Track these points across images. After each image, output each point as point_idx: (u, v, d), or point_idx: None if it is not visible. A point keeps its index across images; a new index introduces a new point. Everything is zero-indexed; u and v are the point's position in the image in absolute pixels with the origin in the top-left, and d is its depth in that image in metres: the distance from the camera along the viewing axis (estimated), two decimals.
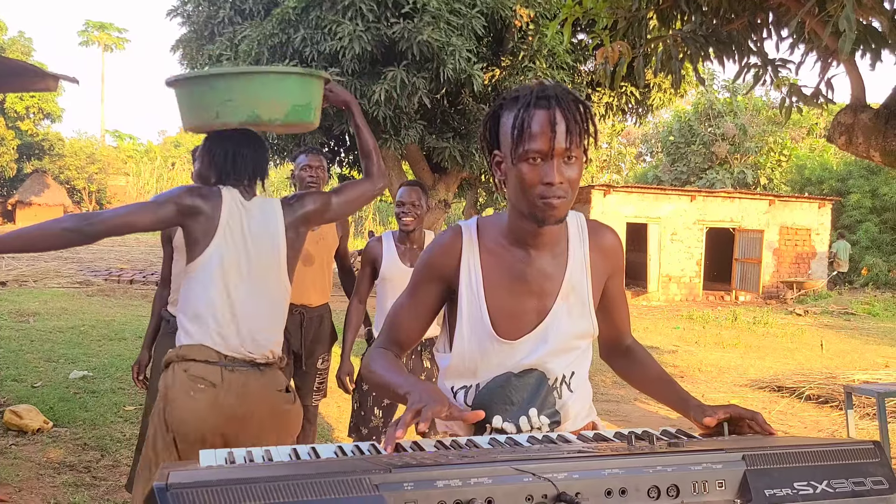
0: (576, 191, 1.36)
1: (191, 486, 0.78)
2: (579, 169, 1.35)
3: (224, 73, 2.16)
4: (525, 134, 1.31)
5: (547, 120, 1.31)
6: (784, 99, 4.13)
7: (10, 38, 34.87)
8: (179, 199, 2.04)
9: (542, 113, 1.31)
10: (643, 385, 1.62)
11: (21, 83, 4.48)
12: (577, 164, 1.34)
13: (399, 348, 1.55)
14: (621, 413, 5.72)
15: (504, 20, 10.18)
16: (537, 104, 1.32)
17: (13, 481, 3.54)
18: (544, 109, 1.31)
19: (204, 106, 2.08)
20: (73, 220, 1.88)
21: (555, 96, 1.33)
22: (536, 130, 1.31)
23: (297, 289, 3.45)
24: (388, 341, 1.55)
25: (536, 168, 1.32)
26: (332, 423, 4.97)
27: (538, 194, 1.32)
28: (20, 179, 36.38)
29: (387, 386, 1.40)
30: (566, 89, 1.36)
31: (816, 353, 9.06)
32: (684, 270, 16.50)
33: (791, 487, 0.99)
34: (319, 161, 3.48)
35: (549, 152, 1.31)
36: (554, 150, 1.30)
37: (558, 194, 1.32)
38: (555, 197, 1.32)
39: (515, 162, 1.34)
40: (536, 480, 0.91)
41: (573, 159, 1.33)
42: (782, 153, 25.93)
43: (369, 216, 35.58)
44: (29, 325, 8.27)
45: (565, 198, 1.33)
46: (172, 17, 11.86)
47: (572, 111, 1.32)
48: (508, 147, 1.35)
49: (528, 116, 1.31)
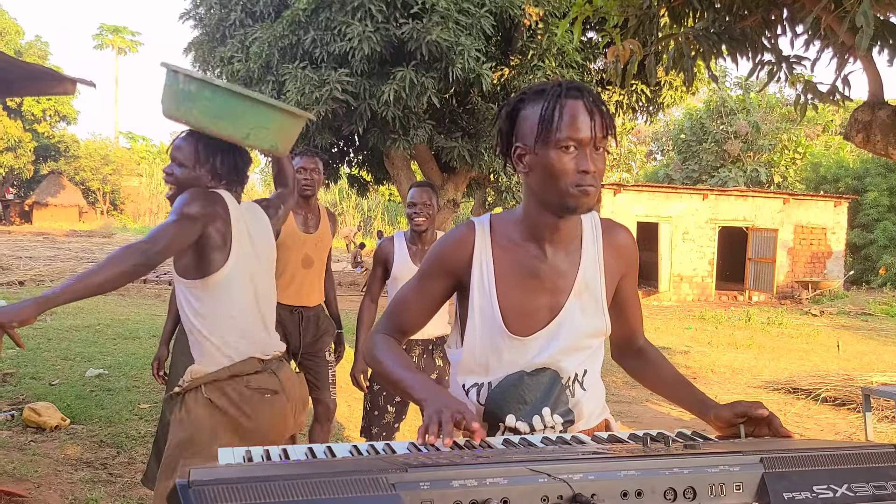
0: (601, 181, 1.37)
1: (212, 483, 0.79)
2: (605, 159, 1.37)
3: (273, 105, 2.18)
4: (559, 122, 1.32)
5: (582, 109, 1.33)
6: (799, 96, 4.10)
7: (27, 42, 35.24)
8: (205, 208, 1.99)
9: (575, 103, 1.33)
10: (657, 386, 1.60)
11: (39, 87, 4.53)
12: (604, 155, 1.36)
13: (401, 335, 1.56)
14: (633, 414, 5.70)
15: (513, 19, 10.17)
16: (569, 94, 1.34)
17: (32, 477, 3.58)
18: (576, 99, 1.33)
19: (235, 121, 2.09)
20: (138, 256, 1.81)
21: (585, 88, 1.36)
22: (572, 118, 1.32)
23: (298, 291, 3.47)
24: (390, 327, 1.55)
25: (571, 156, 1.33)
26: (343, 423, 4.99)
27: (573, 182, 1.33)
28: (37, 181, 36.78)
29: (397, 382, 1.40)
30: (589, 86, 1.39)
31: (833, 355, 8.98)
32: (696, 270, 16.41)
33: (810, 491, 0.98)
34: (315, 163, 3.47)
35: (585, 140, 1.32)
36: (589, 139, 1.32)
37: (592, 182, 1.33)
38: (590, 185, 1.33)
39: (543, 150, 1.34)
40: (552, 481, 0.91)
41: (601, 150, 1.35)
42: (797, 151, 25.70)
43: (378, 216, 35.64)
44: (46, 324, 8.35)
45: (596, 187, 1.35)
46: (185, 20, 11.94)
47: (601, 104, 1.35)
48: (534, 137, 1.35)
49: (561, 106, 1.33)
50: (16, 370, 5.84)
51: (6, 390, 5.28)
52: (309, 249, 3.50)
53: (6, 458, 3.79)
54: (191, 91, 2.08)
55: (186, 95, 2.08)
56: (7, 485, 3.41)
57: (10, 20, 34.78)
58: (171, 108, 2.12)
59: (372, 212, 35.92)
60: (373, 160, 13.72)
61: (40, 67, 4.58)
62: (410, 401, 1.34)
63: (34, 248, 20.28)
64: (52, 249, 20.49)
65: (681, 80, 11.62)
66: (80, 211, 37.55)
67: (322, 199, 34.85)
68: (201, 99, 2.07)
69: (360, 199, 30.28)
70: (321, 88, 9.46)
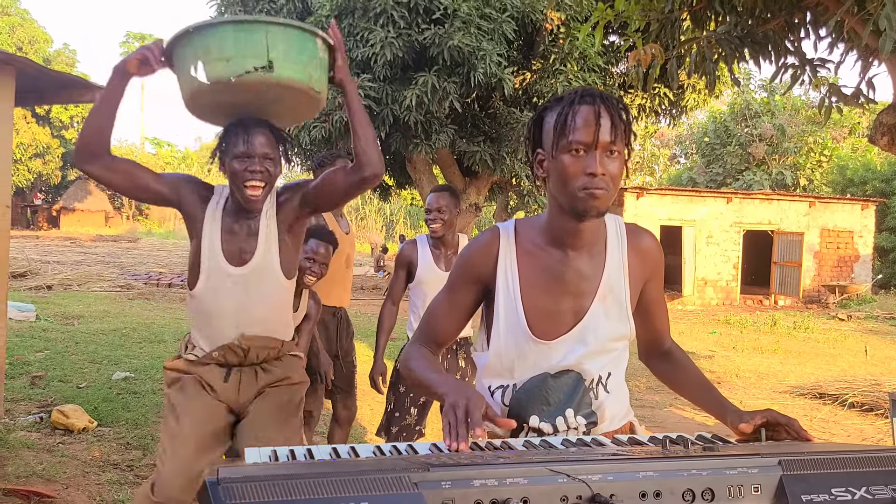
0: (616, 187, 1.37)
1: (240, 481, 0.82)
2: (621, 165, 1.37)
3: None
4: (569, 126, 1.35)
5: (592, 113, 1.35)
6: (823, 99, 4.06)
7: (55, 51, 35.98)
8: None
9: (586, 108, 1.36)
10: (682, 388, 1.61)
11: (70, 95, 4.63)
12: (619, 159, 1.37)
13: (436, 346, 1.58)
14: (657, 419, 5.66)
15: (535, 24, 10.18)
16: (581, 101, 1.37)
17: (60, 478, 3.65)
18: (588, 105, 1.36)
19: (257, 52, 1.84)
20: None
21: (599, 94, 1.38)
22: (580, 123, 1.35)
23: (341, 292, 3.49)
24: (424, 339, 1.58)
25: (579, 160, 1.35)
26: (365, 426, 5.02)
27: (580, 185, 1.35)
28: (64, 186, 37.48)
29: (424, 383, 1.43)
30: (609, 93, 1.40)
31: (860, 360, 8.83)
32: (721, 274, 16.24)
33: (828, 493, 0.98)
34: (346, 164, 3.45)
35: (592, 143, 1.34)
36: (597, 142, 1.34)
37: (599, 185, 1.34)
38: (596, 188, 1.34)
39: (557, 154, 1.37)
40: (571, 481, 0.92)
41: (615, 154, 1.36)
42: (823, 153, 25.34)
43: (400, 220, 35.75)
44: (73, 328, 8.51)
45: (606, 190, 1.35)
46: None
47: (616, 108, 1.36)
48: (550, 142, 1.39)
49: (573, 111, 1.36)
50: (44, 373, 5.95)
51: (35, 393, 5.39)
52: (349, 249, 3.53)
53: (35, 460, 3.87)
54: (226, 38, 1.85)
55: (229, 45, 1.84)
56: (36, 485, 3.49)
57: (38, 29, 35.55)
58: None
59: (394, 216, 36.05)
60: (395, 165, 13.78)
61: (70, 76, 4.68)
62: (435, 399, 1.36)
63: (62, 253, 20.66)
64: (79, 254, 20.86)
65: (703, 83, 11.53)
66: (107, 216, 38.18)
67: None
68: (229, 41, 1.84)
69: (382, 203, 30.40)
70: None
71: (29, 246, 21.97)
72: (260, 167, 1.96)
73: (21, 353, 6.66)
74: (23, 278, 13.34)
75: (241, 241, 2.06)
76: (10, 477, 3.60)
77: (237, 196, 2.01)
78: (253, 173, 1.95)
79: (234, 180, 1.98)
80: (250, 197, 1.97)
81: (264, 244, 2.06)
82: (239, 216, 2.05)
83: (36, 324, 8.52)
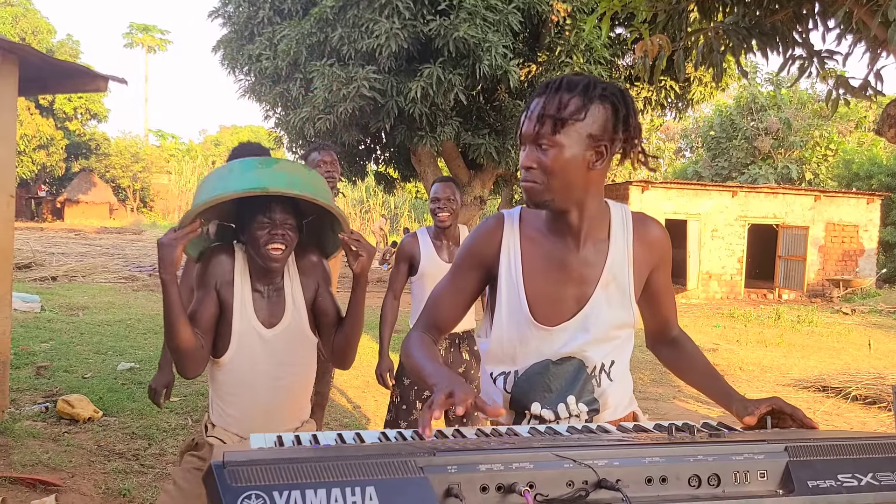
0: (558, 177, 1.36)
1: (245, 464, 0.82)
2: (556, 155, 1.35)
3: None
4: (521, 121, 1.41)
5: (534, 105, 1.38)
6: (831, 91, 4.04)
7: (58, 41, 35.96)
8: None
9: (536, 100, 1.39)
10: (688, 376, 1.61)
11: (74, 84, 4.63)
12: (555, 149, 1.35)
13: (438, 332, 1.58)
14: (660, 411, 5.66)
15: (540, 15, 10.13)
16: (540, 93, 1.39)
17: (66, 467, 3.67)
18: (539, 96, 1.38)
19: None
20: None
21: (552, 85, 1.37)
22: (525, 116, 1.39)
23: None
24: (427, 325, 1.57)
25: (523, 152, 1.41)
26: (370, 417, 5.04)
27: (521, 178, 1.41)
28: (68, 178, 37.55)
29: (419, 372, 1.42)
30: (587, 78, 1.37)
31: (864, 353, 8.82)
32: (725, 268, 16.20)
33: (835, 479, 0.98)
34: (332, 156, 3.42)
35: (525, 136, 1.39)
36: (529, 134, 1.37)
37: (528, 178, 1.38)
38: (524, 181, 1.39)
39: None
40: (577, 466, 0.92)
41: (545, 145, 1.36)
42: (829, 147, 25.22)
43: (405, 213, 35.75)
44: (79, 319, 8.54)
45: (536, 182, 1.38)
46: (213, 18, 12.10)
47: (561, 98, 1.34)
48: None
49: (529, 104, 1.40)
50: (50, 363, 5.98)
51: (41, 383, 5.42)
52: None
53: (41, 449, 3.89)
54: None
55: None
56: (42, 474, 3.51)
57: (42, 19, 35.54)
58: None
59: (398, 209, 36.05)
60: (399, 157, 13.77)
61: (73, 65, 4.68)
62: (426, 388, 1.36)
63: (66, 245, 20.72)
64: (84, 246, 20.92)
65: (710, 76, 11.48)
66: (111, 208, 38.28)
67: (349, 196, 35.08)
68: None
69: (386, 196, 30.40)
70: (348, 85, 9.52)
71: (33, 237, 22.04)
72: (281, 231, 1.91)
73: (26, 344, 6.69)
74: (27, 269, 13.39)
75: (269, 304, 2.00)
76: (17, 465, 3.63)
77: (258, 260, 1.94)
78: (274, 236, 1.90)
79: (254, 245, 1.92)
80: (273, 256, 1.91)
81: (292, 304, 2.01)
82: (263, 279, 2.00)
83: (41, 315, 8.55)
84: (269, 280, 2.00)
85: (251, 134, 52.56)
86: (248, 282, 1.99)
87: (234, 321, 1.96)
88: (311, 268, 2.06)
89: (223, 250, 2.00)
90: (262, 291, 2.00)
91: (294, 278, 2.04)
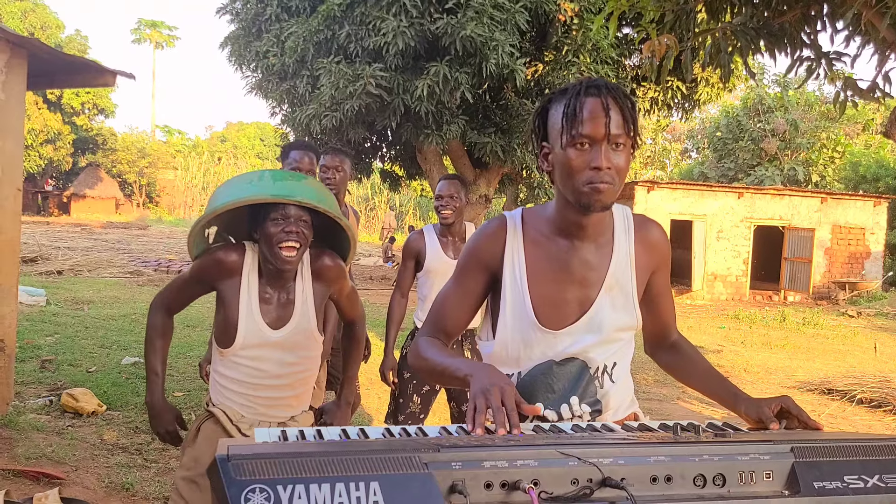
0: (623, 180, 1.36)
1: (250, 458, 0.82)
2: (626, 158, 1.36)
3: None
4: (574, 119, 1.33)
5: (598, 106, 1.33)
6: (838, 93, 4.02)
7: (67, 37, 36.07)
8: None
9: (592, 100, 1.34)
10: (691, 379, 1.60)
11: (82, 79, 4.64)
12: (625, 152, 1.35)
13: (446, 336, 1.56)
14: (664, 412, 5.65)
15: (548, 15, 10.12)
16: (587, 92, 1.34)
17: (70, 460, 3.69)
18: (594, 97, 1.34)
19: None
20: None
21: (605, 86, 1.35)
22: (586, 115, 1.33)
23: None
24: (434, 330, 1.56)
25: (584, 153, 1.33)
26: (373, 414, 5.04)
27: (585, 179, 1.33)
28: (75, 173, 37.67)
29: (443, 370, 1.40)
30: (615, 84, 1.38)
31: (869, 356, 8.78)
32: (730, 269, 16.16)
33: (841, 481, 0.97)
34: (338, 162, 3.31)
35: (597, 137, 1.32)
36: (602, 135, 1.32)
37: (605, 179, 1.33)
38: (601, 182, 1.32)
39: (563, 148, 1.36)
40: (582, 465, 0.92)
41: (621, 146, 1.34)
42: (836, 149, 25.13)
43: (410, 211, 35.77)
44: (84, 313, 8.56)
45: (612, 184, 1.34)
46: (221, 15, 12.12)
47: (622, 100, 1.34)
48: (557, 135, 1.37)
49: (579, 103, 1.34)
50: (54, 357, 6.00)
51: (45, 376, 5.44)
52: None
53: (45, 442, 3.91)
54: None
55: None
56: (46, 467, 3.52)
57: (51, 14, 35.64)
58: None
59: (404, 207, 36.07)
60: (405, 155, 13.77)
61: (81, 59, 4.69)
62: (456, 384, 1.35)
63: (72, 239, 20.78)
64: (90, 240, 20.98)
65: (717, 76, 11.46)
66: (117, 203, 38.38)
67: (354, 193, 35.12)
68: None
69: (392, 194, 30.42)
70: (355, 83, 9.52)
71: (40, 231, 22.12)
72: (296, 228, 1.89)
73: (31, 337, 6.71)
74: (33, 263, 13.43)
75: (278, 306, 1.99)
76: (20, 458, 3.64)
77: (271, 260, 1.92)
78: (289, 234, 1.88)
79: (268, 242, 1.90)
80: (285, 258, 1.89)
81: (301, 307, 2.00)
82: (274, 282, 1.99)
83: (46, 308, 8.58)
84: (280, 284, 1.99)
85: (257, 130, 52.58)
86: (255, 282, 1.98)
87: (240, 320, 1.96)
88: (325, 271, 2.05)
89: (231, 248, 2.00)
90: (271, 293, 1.99)
91: (306, 280, 2.04)
